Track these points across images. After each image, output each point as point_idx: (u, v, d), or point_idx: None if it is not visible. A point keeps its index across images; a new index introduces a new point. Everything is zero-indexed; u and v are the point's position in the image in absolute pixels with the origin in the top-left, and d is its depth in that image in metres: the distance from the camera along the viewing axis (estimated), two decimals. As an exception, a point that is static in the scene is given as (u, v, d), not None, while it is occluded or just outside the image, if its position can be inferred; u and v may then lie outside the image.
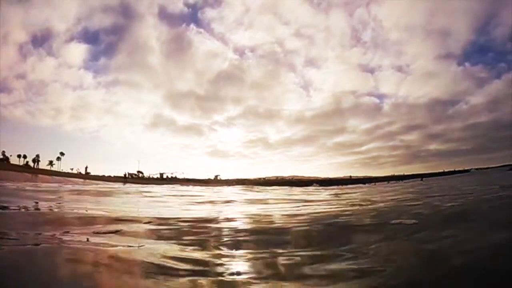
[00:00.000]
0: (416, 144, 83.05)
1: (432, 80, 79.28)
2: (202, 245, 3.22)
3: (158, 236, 3.79)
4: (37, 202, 7.46)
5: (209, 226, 4.49)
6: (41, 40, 74.05)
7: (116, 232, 3.75)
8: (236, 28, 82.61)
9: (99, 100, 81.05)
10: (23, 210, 5.93)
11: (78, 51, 70.70)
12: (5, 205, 6.10)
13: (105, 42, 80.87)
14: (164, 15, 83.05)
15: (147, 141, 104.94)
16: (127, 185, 26.62)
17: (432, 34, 74.61)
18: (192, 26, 75.84)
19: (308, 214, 6.07)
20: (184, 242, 3.34)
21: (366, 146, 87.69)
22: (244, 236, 3.78)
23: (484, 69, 71.31)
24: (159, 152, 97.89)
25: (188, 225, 4.55)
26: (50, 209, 6.41)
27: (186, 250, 2.98)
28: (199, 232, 3.99)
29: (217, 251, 3.01)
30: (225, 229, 4.29)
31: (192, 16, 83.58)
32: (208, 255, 2.81)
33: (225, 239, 3.62)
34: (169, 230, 4.15)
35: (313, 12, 79.15)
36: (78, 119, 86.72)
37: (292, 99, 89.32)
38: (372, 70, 78.72)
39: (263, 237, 3.67)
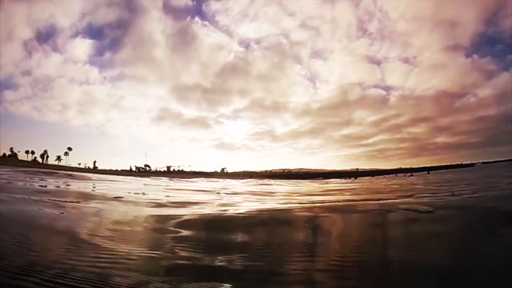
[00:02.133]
0: (424, 136, 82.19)
1: (439, 72, 77.65)
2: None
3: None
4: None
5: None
6: (45, 36, 73.93)
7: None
8: (241, 20, 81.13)
9: (105, 94, 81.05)
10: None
11: (83, 46, 70.34)
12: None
13: (110, 36, 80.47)
14: (169, 9, 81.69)
15: (153, 134, 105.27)
16: (132, 177, 26.83)
17: (439, 25, 72.61)
18: (197, 19, 74.77)
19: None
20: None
21: (372, 139, 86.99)
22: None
23: (492, 61, 69.04)
24: (165, 146, 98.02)
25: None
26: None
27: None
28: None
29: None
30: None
31: (197, 9, 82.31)
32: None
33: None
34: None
35: (319, 3, 77.59)
36: (85, 114, 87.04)
37: (298, 91, 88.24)
38: (378, 61, 77.01)
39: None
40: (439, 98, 76.42)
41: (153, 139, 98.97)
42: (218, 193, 9.66)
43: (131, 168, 63.26)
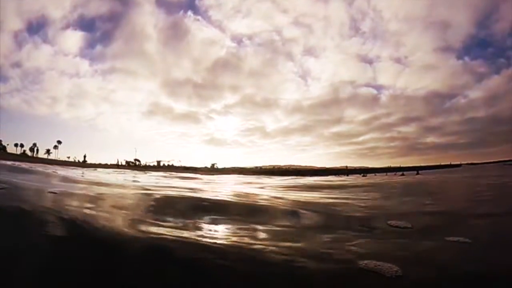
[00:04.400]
0: (413, 136, 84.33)
1: (430, 72, 79.93)
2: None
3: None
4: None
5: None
6: (36, 27, 73.58)
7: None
8: (233, 16, 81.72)
9: (96, 88, 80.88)
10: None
11: (74, 39, 70.28)
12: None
13: (101, 29, 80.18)
14: (162, 2, 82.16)
15: (144, 129, 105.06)
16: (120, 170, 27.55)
17: (431, 26, 74.56)
18: (189, 13, 75.17)
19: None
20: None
21: (363, 137, 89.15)
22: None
23: (483, 64, 71.76)
24: (156, 140, 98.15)
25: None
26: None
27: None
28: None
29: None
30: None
31: (190, 3, 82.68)
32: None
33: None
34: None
35: (312, 1, 78.62)
36: (75, 107, 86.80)
37: (290, 88, 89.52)
38: (370, 60, 78.96)
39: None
40: (429, 98, 78.72)
41: (143, 134, 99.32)
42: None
43: (118, 161, 63.44)
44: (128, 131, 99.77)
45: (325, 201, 6.10)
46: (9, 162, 20.03)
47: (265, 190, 9.10)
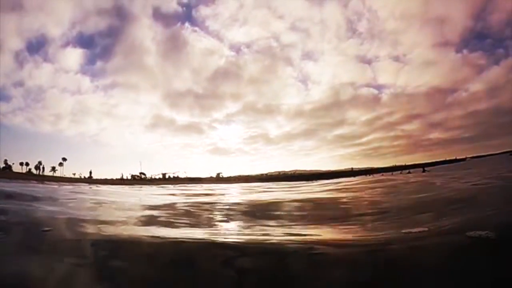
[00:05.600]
0: (417, 133, 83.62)
1: (430, 68, 79.51)
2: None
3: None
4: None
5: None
6: (36, 46, 74.26)
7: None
8: (231, 25, 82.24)
9: (98, 103, 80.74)
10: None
11: (74, 56, 70.72)
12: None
13: (100, 45, 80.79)
14: (159, 15, 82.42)
15: (147, 142, 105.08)
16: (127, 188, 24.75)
17: (428, 22, 74.50)
18: (187, 24, 75.39)
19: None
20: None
21: (366, 138, 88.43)
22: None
23: (482, 56, 69.60)
24: (160, 153, 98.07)
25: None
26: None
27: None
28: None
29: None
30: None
31: (187, 15, 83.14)
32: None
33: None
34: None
35: (308, 5, 78.92)
36: (78, 124, 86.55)
37: (291, 93, 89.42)
38: (369, 61, 78.68)
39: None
40: (431, 94, 77.91)
41: (147, 147, 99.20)
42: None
43: (122, 176, 63.26)
44: (132, 144, 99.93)
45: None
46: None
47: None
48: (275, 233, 3.49)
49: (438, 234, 2.69)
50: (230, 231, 3.89)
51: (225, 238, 3.33)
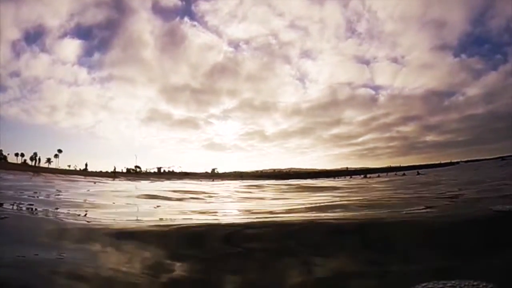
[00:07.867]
0: (413, 135, 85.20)
1: (428, 71, 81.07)
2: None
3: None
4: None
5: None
6: (34, 36, 74.52)
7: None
8: (230, 21, 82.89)
9: (94, 96, 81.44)
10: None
11: (71, 47, 71.06)
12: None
13: (98, 37, 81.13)
14: (158, 9, 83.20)
15: (143, 135, 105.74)
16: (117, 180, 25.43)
17: (427, 25, 75.98)
18: (186, 19, 76.33)
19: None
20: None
21: (362, 138, 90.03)
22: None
23: (480, 61, 72.13)
24: (155, 147, 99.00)
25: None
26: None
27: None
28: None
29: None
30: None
31: (186, 9, 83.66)
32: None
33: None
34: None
35: (307, 4, 79.99)
36: (74, 116, 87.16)
37: (288, 91, 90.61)
38: (367, 61, 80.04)
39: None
40: (427, 97, 79.50)
41: (143, 140, 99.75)
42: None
43: (115, 169, 63.32)
44: (128, 138, 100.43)
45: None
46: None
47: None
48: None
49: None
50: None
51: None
